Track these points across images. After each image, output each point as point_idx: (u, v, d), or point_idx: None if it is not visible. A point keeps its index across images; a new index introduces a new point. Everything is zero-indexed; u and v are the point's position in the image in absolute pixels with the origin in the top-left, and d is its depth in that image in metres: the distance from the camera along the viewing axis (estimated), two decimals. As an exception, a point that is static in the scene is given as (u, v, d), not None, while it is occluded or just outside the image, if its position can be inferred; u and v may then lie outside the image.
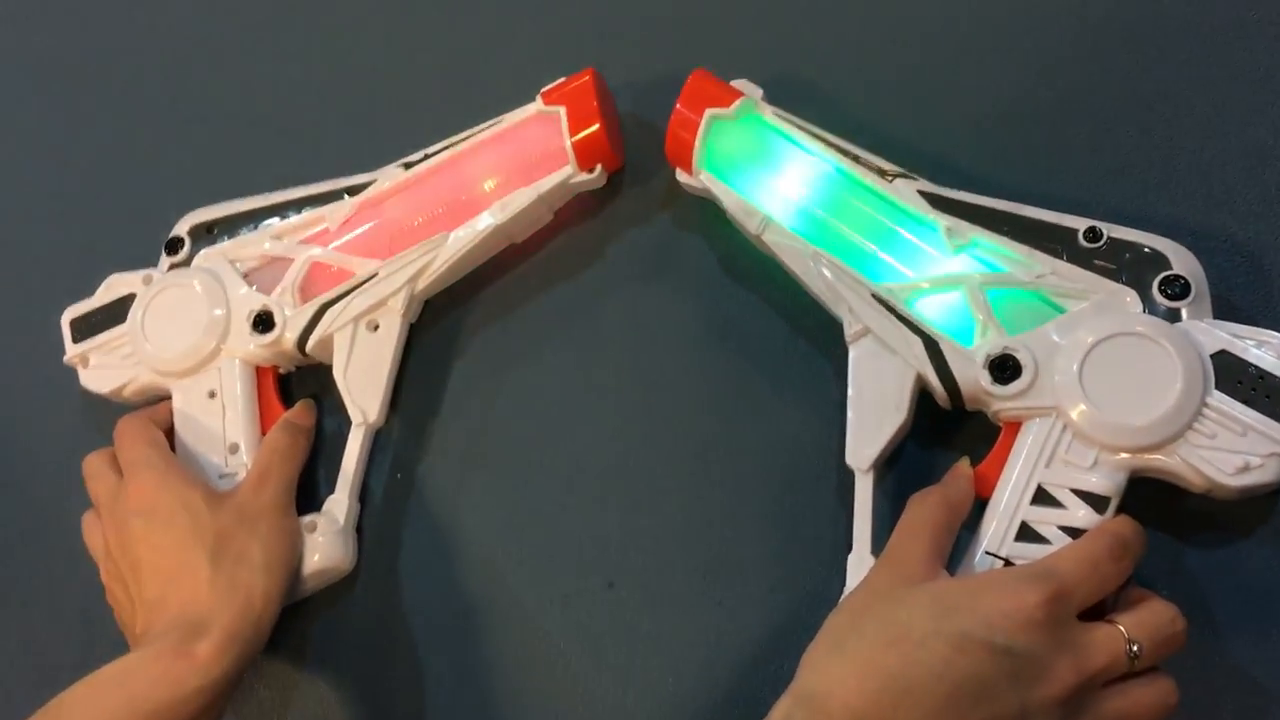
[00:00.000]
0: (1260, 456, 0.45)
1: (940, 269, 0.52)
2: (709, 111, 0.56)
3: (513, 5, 0.67)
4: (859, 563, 0.50)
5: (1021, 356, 0.49)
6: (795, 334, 0.57)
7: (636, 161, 0.61)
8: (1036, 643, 0.42)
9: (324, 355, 0.59)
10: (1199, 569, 0.50)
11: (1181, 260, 0.49)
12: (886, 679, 0.42)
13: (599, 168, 0.59)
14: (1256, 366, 0.46)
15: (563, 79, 0.59)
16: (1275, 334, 0.47)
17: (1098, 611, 0.45)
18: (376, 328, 0.59)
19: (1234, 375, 0.47)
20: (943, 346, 0.51)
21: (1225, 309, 0.50)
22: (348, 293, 0.59)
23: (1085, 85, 0.57)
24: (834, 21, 0.62)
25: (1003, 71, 0.58)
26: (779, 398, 0.57)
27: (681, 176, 0.57)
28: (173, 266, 0.62)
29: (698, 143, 0.56)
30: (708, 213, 0.58)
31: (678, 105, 0.56)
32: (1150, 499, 0.49)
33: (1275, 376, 0.46)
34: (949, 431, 0.54)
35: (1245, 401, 0.46)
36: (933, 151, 0.57)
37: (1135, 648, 0.43)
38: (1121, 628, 0.44)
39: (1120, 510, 0.48)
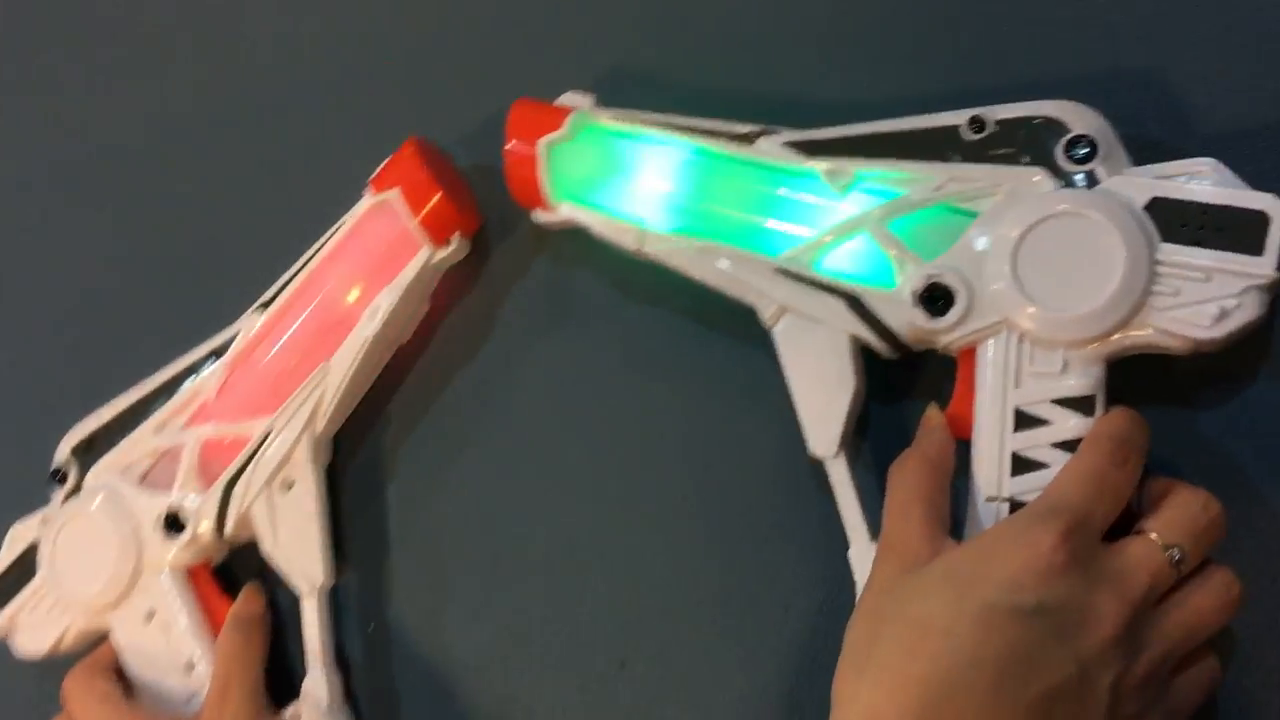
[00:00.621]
0: (1234, 296, 0.41)
1: (835, 217, 0.47)
2: (542, 141, 0.51)
3: (313, 102, 0.62)
4: (862, 555, 0.46)
5: (948, 280, 0.44)
6: (719, 336, 0.52)
7: (495, 214, 0.56)
8: (1068, 588, 0.38)
9: (248, 534, 0.55)
10: (1211, 432, 0.45)
11: (1079, 117, 0.44)
12: (922, 690, 0.37)
13: (455, 237, 0.54)
14: (1196, 202, 0.42)
15: (387, 159, 0.55)
16: (1203, 160, 0.42)
17: (1124, 524, 0.41)
18: (291, 486, 0.55)
19: (1176, 220, 0.42)
20: (865, 299, 0.46)
21: (1146, 148, 0.45)
22: (248, 461, 0.54)
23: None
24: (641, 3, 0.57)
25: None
26: (728, 409, 0.52)
27: (540, 216, 0.52)
28: (67, 497, 0.57)
29: (542, 176, 0.51)
30: (585, 243, 0.53)
31: (507, 145, 0.51)
32: (1138, 378, 0.44)
33: (1218, 206, 0.41)
34: (908, 380, 0.49)
35: (1197, 244, 0.41)
36: (786, 96, 0.52)
37: (1176, 553, 0.39)
38: (1154, 535, 0.39)
39: (1109, 404, 0.43)
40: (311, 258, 0.55)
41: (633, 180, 0.51)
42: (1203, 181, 0.42)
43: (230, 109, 0.64)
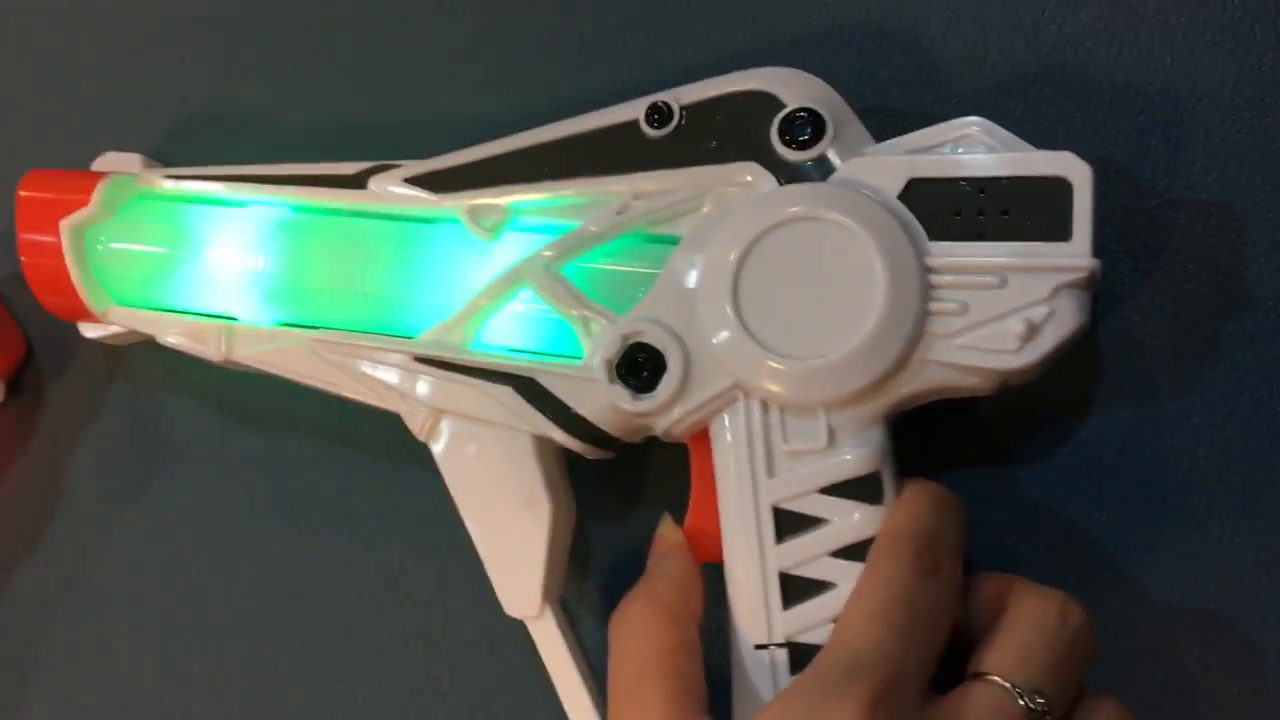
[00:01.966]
0: (1042, 303, 0.28)
1: (488, 270, 0.33)
2: (64, 223, 0.35)
3: None
4: (594, 755, 0.31)
5: (652, 338, 0.30)
6: (371, 461, 0.37)
7: (45, 337, 0.40)
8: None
9: None
10: (1041, 489, 0.33)
11: (795, 87, 0.31)
12: None
13: (-18, 379, 0.38)
14: (969, 178, 0.29)
15: None
16: (969, 120, 0.30)
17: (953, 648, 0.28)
18: None
19: (946, 208, 0.29)
20: (540, 379, 0.32)
21: (892, 118, 0.33)
22: None
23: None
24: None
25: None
26: (391, 560, 0.37)
27: (89, 330, 0.37)
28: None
29: (75, 274, 0.35)
30: (172, 357, 0.37)
31: (20, 238, 0.36)
32: (933, 429, 0.31)
33: (1001, 179, 0.29)
34: (632, 481, 0.35)
35: (980, 236, 0.29)
36: (398, 119, 0.38)
37: (1037, 699, 0.26)
38: (996, 678, 0.26)
39: (899, 478, 0.30)
40: None
41: (207, 261, 0.35)
42: (974, 149, 0.29)
43: None
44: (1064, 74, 0.33)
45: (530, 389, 0.32)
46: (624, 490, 0.35)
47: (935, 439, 0.32)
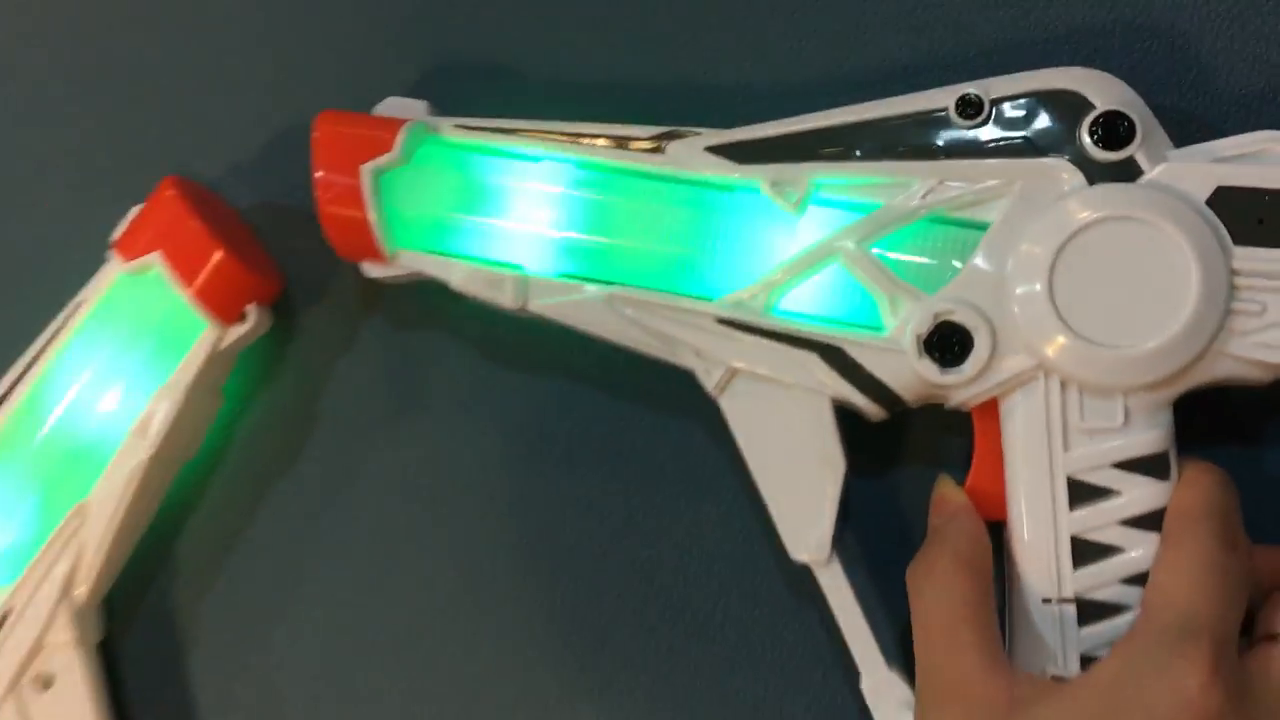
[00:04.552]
0: (1333, 309, 0.32)
1: (792, 244, 0.35)
2: (366, 168, 0.36)
3: (27, 142, 0.44)
4: (882, 688, 0.34)
5: (963, 318, 0.33)
6: (633, 408, 0.40)
7: (300, 272, 0.41)
8: (1226, 738, 0.27)
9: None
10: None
11: (1104, 90, 0.33)
12: None
13: (250, 308, 0.39)
14: (1270, 190, 0.32)
15: (137, 209, 0.39)
16: (1268, 134, 0.33)
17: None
18: (50, 683, 0.38)
19: (1248, 215, 0.32)
20: (849, 349, 0.34)
21: (1178, 125, 0.35)
22: (-23, 661, 0.38)
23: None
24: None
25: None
26: (648, 505, 0.40)
27: (371, 269, 0.38)
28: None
29: (372, 216, 0.37)
30: (437, 299, 0.39)
31: (316, 176, 0.37)
32: (1191, 421, 0.34)
33: (1301, 191, 0.32)
34: (893, 442, 0.38)
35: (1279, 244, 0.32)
36: (696, 84, 0.40)
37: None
38: (1296, 640, 0.30)
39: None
40: (41, 354, 0.39)
41: (502, 212, 0.37)
42: (1270, 162, 0.32)
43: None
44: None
45: (836, 357, 0.34)
46: (882, 445, 0.38)
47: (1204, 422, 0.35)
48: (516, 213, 0.37)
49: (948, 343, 0.33)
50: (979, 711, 0.30)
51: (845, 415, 0.35)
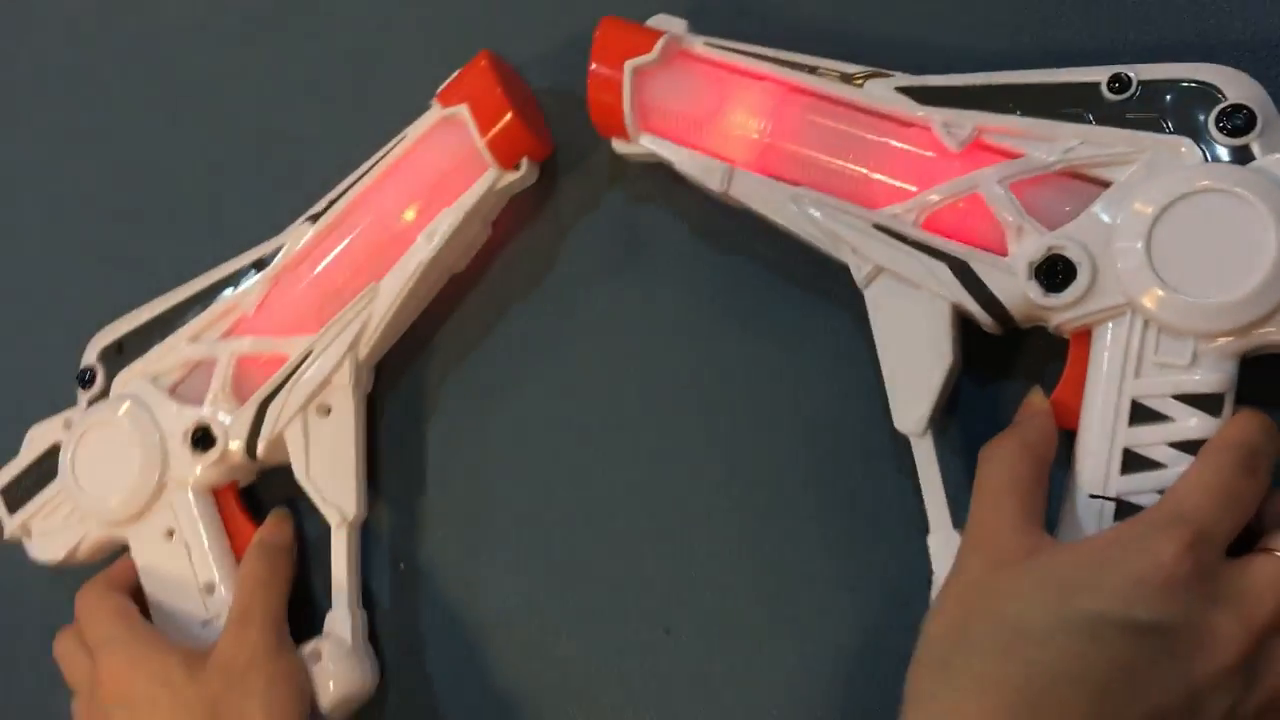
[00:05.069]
0: (1395, 296, 0.36)
1: (947, 174, 0.43)
2: (629, 64, 0.47)
3: (383, 6, 0.58)
4: (943, 544, 0.42)
5: (1071, 253, 0.40)
6: (800, 291, 0.48)
7: (566, 141, 0.52)
8: (1186, 606, 0.34)
9: (279, 457, 0.51)
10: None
11: (1237, 86, 0.39)
12: (1012, 697, 0.34)
13: (524, 161, 0.50)
14: (1360, 191, 0.37)
15: (457, 72, 0.51)
16: (1375, 144, 0.38)
17: (1244, 539, 0.37)
18: (329, 411, 0.51)
19: (1338, 208, 0.37)
20: (974, 265, 0.42)
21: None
22: (285, 381, 0.51)
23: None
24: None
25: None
26: (802, 370, 0.48)
27: (620, 146, 0.48)
28: (91, 402, 0.54)
29: (626, 103, 0.47)
30: (665, 179, 0.49)
31: (592, 65, 0.47)
32: (1263, 379, 0.40)
33: (1391, 196, 0.37)
34: (1008, 357, 0.45)
35: (1358, 234, 0.37)
36: (905, 37, 0.48)
37: (1307, 573, 0.35)
38: (1278, 552, 0.35)
39: (1236, 404, 0.39)
40: (368, 171, 0.51)
41: (723, 115, 0.46)
42: (1370, 166, 0.37)
43: (295, 6, 0.60)
44: None
45: (962, 270, 0.42)
46: (998, 362, 0.45)
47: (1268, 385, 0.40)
48: (734, 117, 0.46)
49: (1054, 271, 0.40)
50: (1000, 558, 0.37)
51: (968, 327, 0.43)
